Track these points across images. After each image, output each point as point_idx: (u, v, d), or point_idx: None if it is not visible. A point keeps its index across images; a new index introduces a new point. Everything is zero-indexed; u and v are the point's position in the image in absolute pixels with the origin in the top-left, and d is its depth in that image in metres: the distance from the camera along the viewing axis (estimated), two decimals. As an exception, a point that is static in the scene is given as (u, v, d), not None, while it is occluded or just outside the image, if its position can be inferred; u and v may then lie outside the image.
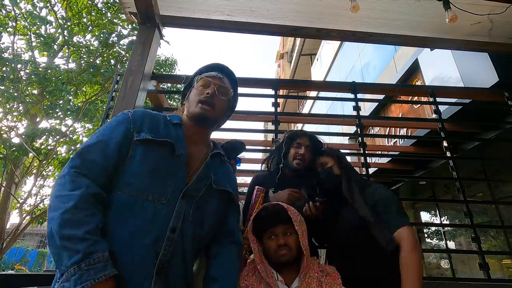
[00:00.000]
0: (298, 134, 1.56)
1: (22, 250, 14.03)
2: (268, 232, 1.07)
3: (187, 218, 0.84)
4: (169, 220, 0.80)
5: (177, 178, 0.85)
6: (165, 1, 2.29)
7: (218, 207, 0.95)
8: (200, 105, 0.96)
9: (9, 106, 5.54)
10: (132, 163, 0.83)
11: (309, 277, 1.00)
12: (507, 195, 4.00)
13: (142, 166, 0.82)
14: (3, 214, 5.54)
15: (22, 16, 5.55)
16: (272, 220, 1.08)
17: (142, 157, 0.83)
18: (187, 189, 0.86)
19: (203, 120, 0.98)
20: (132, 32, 6.06)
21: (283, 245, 1.03)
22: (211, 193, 0.92)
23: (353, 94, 2.58)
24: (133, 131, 0.87)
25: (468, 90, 2.87)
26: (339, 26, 2.52)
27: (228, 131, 2.60)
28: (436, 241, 5.63)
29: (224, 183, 0.97)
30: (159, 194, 0.81)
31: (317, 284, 0.98)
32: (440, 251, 5.40)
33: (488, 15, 2.32)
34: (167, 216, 0.81)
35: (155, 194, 0.81)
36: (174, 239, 0.80)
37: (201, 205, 0.89)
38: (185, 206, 0.84)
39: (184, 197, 0.85)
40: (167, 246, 0.78)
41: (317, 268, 1.04)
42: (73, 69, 5.73)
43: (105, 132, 0.85)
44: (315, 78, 10.56)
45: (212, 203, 0.93)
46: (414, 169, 4.32)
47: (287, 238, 1.05)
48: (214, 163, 0.98)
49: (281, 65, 18.23)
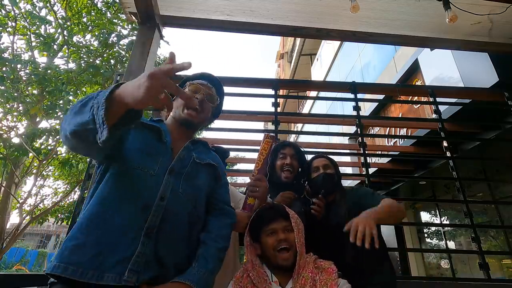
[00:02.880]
0: (281, 145, 1.59)
1: (22, 250, 14.04)
2: (268, 228, 1.06)
3: (177, 191, 0.87)
4: (158, 190, 0.84)
5: (163, 158, 0.90)
6: (165, 1, 2.29)
7: (207, 181, 0.99)
8: (187, 111, 1.02)
9: (9, 106, 5.53)
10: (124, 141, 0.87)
11: (302, 277, 0.98)
12: (507, 195, 4.00)
13: (132, 144, 0.88)
14: (3, 214, 5.53)
15: (22, 16, 5.55)
16: (272, 214, 1.07)
17: (133, 136, 0.89)
18: (172, 165, 0.90)
19: (189, 125, 1.04)
20: (132, 32, 6.06)
21: (283, 240, 1.02)
22: (198, 168, 0.97)
23: (353, 94, 2.58)
24: None
25: (468, 90, 2.87)
26: (339, 26, 2.52)
27: (228, 131, 2.60)
28: (436, 241, 5.63)
29: (207, 159, 1.02)
30: (148, 167, 0.86)
31: (311, 284, 0.96)
32: (440, 251, 5.40)
33: (488, 15, 2.32)
34: (156, 187, 0.84)
35: (144, 166, 0.86)
36: (164, 207, 0.82)
37: (191, 180, 0.93)
38: (174, 180, 0.88)
39: (171, 172, 0.89)
40: (156, 212, 0.80)
41: (312, 266, 1.02)
42: (73, 69, 5.72)
43: None
44: (315, 78, 10.56)
45: (201, 178, 0.97)
46: (414, 169, 4.32)
47: (287, 234, 1.04)
48: (195, 147, 1.03)
49: (281, 65, 18.22)
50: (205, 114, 1.07)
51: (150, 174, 0.85)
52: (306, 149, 1.79)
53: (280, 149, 1.56)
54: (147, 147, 0.90)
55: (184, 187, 0.90)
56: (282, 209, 1.09)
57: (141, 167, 0.85)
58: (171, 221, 0.83)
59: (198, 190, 0.95)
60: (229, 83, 2.62)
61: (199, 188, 0.96)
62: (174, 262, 0.82)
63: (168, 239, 0.81)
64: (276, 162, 1.53)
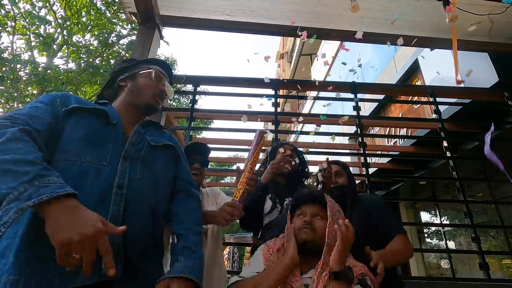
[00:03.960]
0: (280, 144, 1.60)
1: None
2: (299, 210, 1.04)
3: (135, 177, 0.82)
4: (113, 179, 0.77)
5: (114, 143, 0.83)
6: (165, 1, 2.29)
7: (167, 164, 0.95)
8: (157, 99, 1.01)
9: (9, 106, 5.53)
10: (65, 132, 0.79)
11: (326, 275, 0.87)
12: (507, 195, 4.00)
13: (74, 133, 0.79)
14: (3, 214, 5.53)
15: (21, 16, 5.54)
16: (306, 198, 1.05)
17: (74, 123, 0.81)
18: (125, 151, 0.83)
19: (153, 110, 1.03)
20: (132, 32, 6.06)
21: (307, 223, 0.98)
22: (154, 152, 0.92)
23: (353, 94, 2.58)
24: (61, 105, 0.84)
25: (468, 90, 2.87)
26: (339, 26, 2.52)
27: (228, 131, 2.60)
28: (436, 241, 5.63)
29: (162, 140, 0.97)
30: (98, 157, 0.78)
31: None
32: (440, 251, 5.40)
33: (488, 15, 2.32)
34: (111, 177, 0.77)
35: (93, 157, 0.78)
36: (124, 195, 0.76)
37: (148, 165, 0.88)
38: (130, 167, 0.82)
39: (126, 159, 0.83)
40: (116, 201, 0.75)
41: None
42: (72, 69, 5.71)
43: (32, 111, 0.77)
44: (315, 78, 10.56)
45: (159, 161, 0.92)
46: (414, 169, 4.31)
47: (315, 220, 1.00)
48: (147, 130, 0.96)
49: (281, 65, 18.21)
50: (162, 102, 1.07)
51: (102, 165, 0.78)
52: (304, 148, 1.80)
53: (278, 147, 1.56)
54: (94, 133, 0.81)
55: (143, 173, 0.84)
56: (320, 196, 1.06)
57: (90, 159, 0.77)
58: (134, 210, 0.78)
59: (159, 174, 0.90)
60: (229, 83, 2.62)
61: (160, 172, 0.91)
62: (142, 250, 0.78)
63: (134, 228, 0.76)
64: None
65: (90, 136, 0.80)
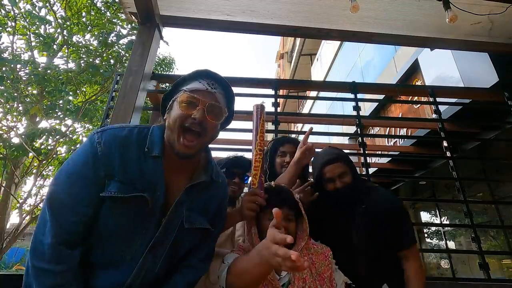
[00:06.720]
0: (281, 142, 1.53)
1: (22, 250, 14.00)
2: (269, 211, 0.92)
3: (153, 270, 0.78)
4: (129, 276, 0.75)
5: (145, 233, 0.76)
6: (165, 1, 2.29)
7: (192, 244, 0.86)
8: (182, 141, 0.76)
9: (8, 106, 5.52)
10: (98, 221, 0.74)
11: None
12: (507, 195, 4.00)
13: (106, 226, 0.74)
14: (3, 214, 5.53)
15: (21, 16, 5.54)
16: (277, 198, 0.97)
17: (107, 215, 0.74)
18: (154, 242, 0.76)
19: (186, 158, 0.80)
20: (132, 31, 6.06)
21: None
22: (185, 234, 0.81)
23: (353, 94, 2.58)
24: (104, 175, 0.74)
25: (468, 90, 2.87)
26: (339, 26, 2.52)
27: (228, 131, 2.60)
28: (436, 241, 5.63)
29: (199, 219, 0.83)
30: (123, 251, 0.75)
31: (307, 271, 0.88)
32: (440, 251, 5.40)
33: (488, 15, 2.32)
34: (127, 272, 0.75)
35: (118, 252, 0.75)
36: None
37: (172, 250, 0.81)
38: (151, 259, 0.77)
39: (152, 249, 0.77)
40: None
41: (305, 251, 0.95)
42: (72, 69, 5.72)
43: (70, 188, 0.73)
44: (315, 78, 10.55)
45: (186, 243, 0.84)
46: (414, 169, 4.31)
47: (288, 224, 0.94)
48: (191, 194, 0.83)
49: (281, 65, 18.22)
50: (208, 137, 0.81)
51: (126, 260, 0.75)
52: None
53: (280, 146, 1.50)
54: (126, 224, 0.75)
55: (161, 265, 0.79)
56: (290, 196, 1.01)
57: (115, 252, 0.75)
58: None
59: (176, 254, 0.83)
60: (229, 83, 2.61)
61: (178, 253, 0.83)
62: None
63: None
64: (275, 160, 1.49)
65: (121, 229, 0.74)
